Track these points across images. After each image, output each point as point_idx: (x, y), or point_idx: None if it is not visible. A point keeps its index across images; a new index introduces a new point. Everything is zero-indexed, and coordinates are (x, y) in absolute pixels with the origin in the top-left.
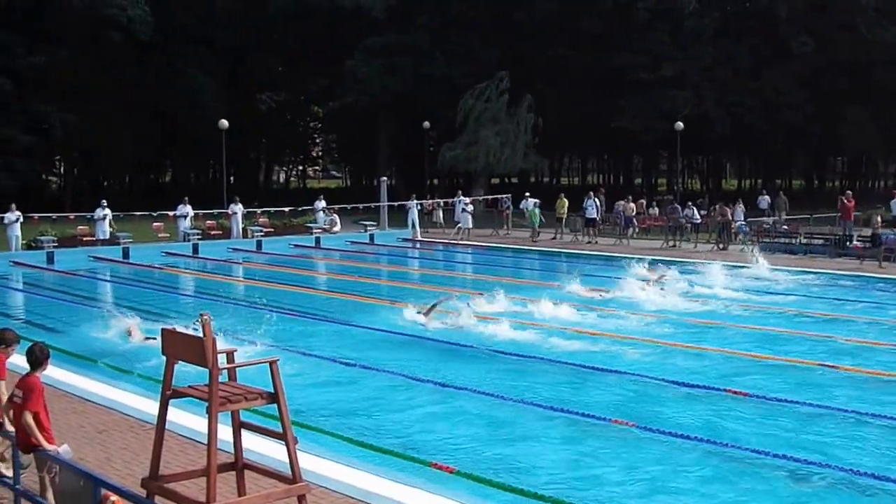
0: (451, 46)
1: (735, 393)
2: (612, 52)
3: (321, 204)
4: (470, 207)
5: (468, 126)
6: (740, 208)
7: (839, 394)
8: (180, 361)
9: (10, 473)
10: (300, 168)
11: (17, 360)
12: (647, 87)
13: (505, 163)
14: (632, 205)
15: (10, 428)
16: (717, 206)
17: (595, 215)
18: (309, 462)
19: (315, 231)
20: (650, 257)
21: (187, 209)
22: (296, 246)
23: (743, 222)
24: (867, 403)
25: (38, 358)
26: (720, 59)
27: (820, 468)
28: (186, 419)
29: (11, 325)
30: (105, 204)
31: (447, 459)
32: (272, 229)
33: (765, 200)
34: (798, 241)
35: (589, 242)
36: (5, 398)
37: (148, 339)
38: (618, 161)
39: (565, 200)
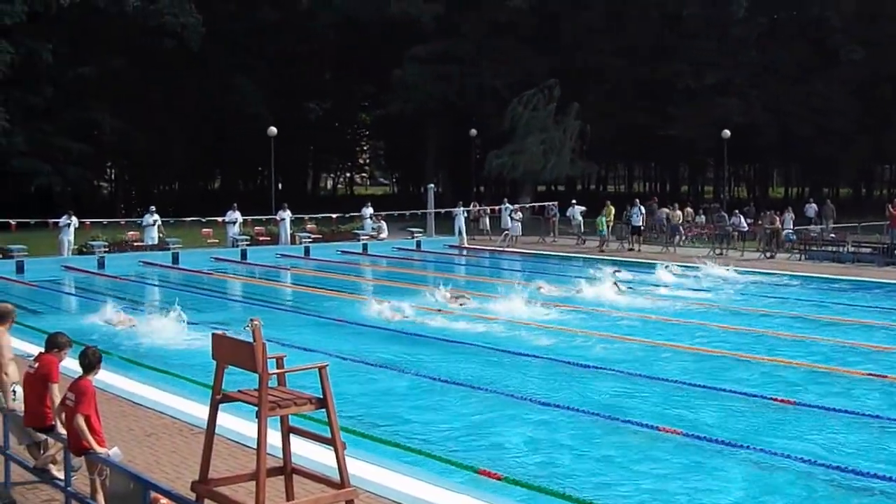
0: (497, 55)
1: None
2: (659, 60)
3: (368, 210)
4: (518, 215)
5: (515, 134)
6: (789, 216)
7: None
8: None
9: (61, 475)
10: (347, 175)
11: (68, 364)
12: (694, 94)
13: (551, 170)
14: (678, 212)
15: (61, 431)
16: (768, 214)
17: (640, 223)
18: (357, 467)
19: (362, 238)
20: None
21: (236, 215)
22: (343, 252)
23: (791, 230)
24: None
25: (90, 362)
26: (768, 67)
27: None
28: (235, 423)
29: (63, 329)
30: (154, 210)
31: (495, 466)
32: (320, 236)
33: (812, 208)
34: (846, 249)
35: (631, 250)
36: (58, 401)
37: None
38: (664, 169)
39: (612, 208)
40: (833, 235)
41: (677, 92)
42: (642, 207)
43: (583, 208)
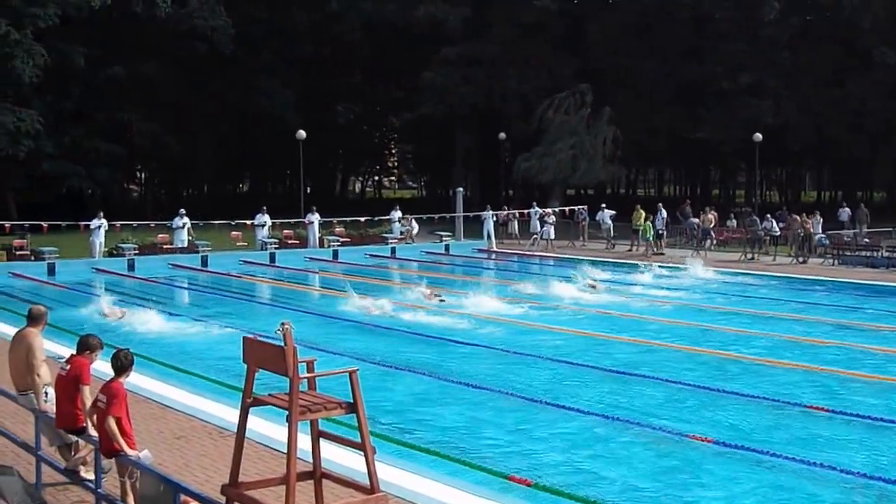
0: (525, 58)
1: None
2: (689, 62)
3: (397, 214)
4: (552, 219)
5: (545, 137)
6: (816, 220)
7: None
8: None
9: (91, 477)
10: (376, 178)
11: (98, 366)
12: (725, 97)
13: (582, 175)
14: (709, 216)
15: (92, 432)
16: (799, 217)
17: (662, 227)
18: (387, 472)
19: (390, 241)
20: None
21: (265, 218)
22: (371, 256)
23: (823, 235)
24: None
25: (122, 364)
26: (800, 69)
27: None
28: (265, 427)
29: (94, 331)
30: (183, 213)
31: (525, 472)
32: (348, 239)
33: (845, 212)
34: (880, 254)
35: (657, 254)
36: (90, 403)
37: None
38: (695, 172)
39: (642, 212)
40: (867, 240)
41: (708, 94)
42: (664, 211)
43: (612, 212)
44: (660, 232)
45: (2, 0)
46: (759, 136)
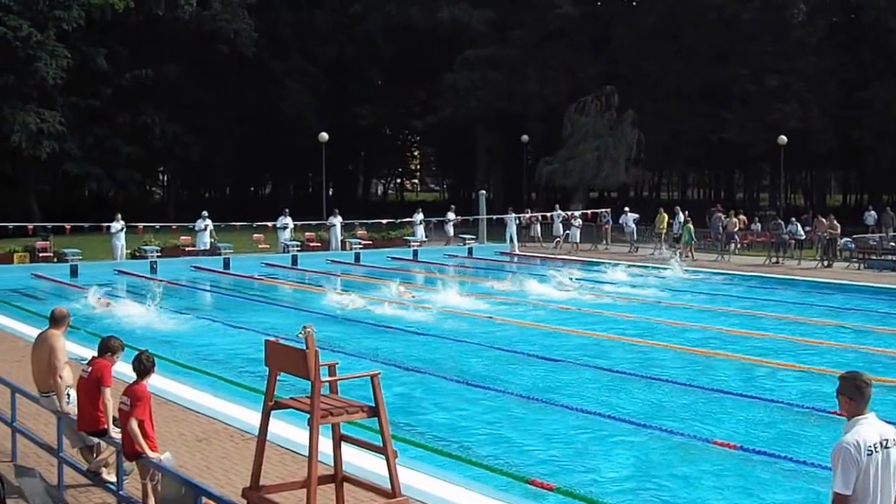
0: (548, 61)
1: None
2: (715, 64)
3: (420, 216)
4: (577, 222)
5: (569, 140)
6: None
7: None
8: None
9: (113, 479)
10: (398, 181)
11: (119, 368)
12: (751, 99)
13: (606, 178)
14: (734, 220)
15: (114, 434)
16: (825, 220)
17: (679, 230)
18: (408, 476)
19: (412, 244)
20: None
21: (287, 221)
22: (393, 258)
23: (848, 239)
24: None
25: (145, 366)
26: (826, 71)
27: None
28: (286, 430)
29: (116, 333)
30: (206, 215)
31: (546, 476)
32: (370, 242)
33: (871, 216)
34: None
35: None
36: (111, 405)
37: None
38: (719, 175)
39: (665, 215)
40: (893, 244)
41: (734, 97)
42: (682, 215)
43: (636, 216)
44: (676, 236)
45: (27, 3)
46: (783, 138)
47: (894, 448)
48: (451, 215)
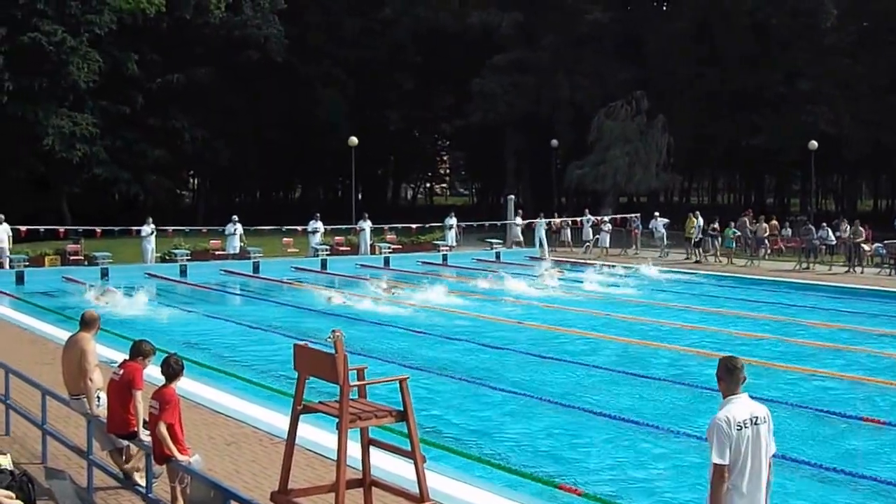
0: (578, 65)
1: None
2: (745, 69)
3: (452, 221)
4: (607, 226)
5: (598, 145)
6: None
7: None
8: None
9: (143, 482)
10: (427, 185)
11: (147, 371)
12: (782, 104)
13: (636, 182)
14: (764, 225)
15: (144, 437)
16: (853, 225)
17: (699, 235)
18: (437, 481)
19: (442, 248)
20: None
21: (318, 225)
22: (423, 263)
23: (880, 244)
24: None
25: (174, 370)
26: (857, 76)
27: None
28: (314, 434)
29: (146, 336)
30: (236, 219)
31: (575, 480)
32: (400, 246)
33: None
34: None
35: (697, 262)
36: (142, 409)
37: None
38: (750, 180)
39: (695, 220)
40: None
41: (764, 102)
42: (700, 219)
43: (666, 220)
44: (696, 240)
45: (60, 8)
46: (814, 143)
47: (763, 425)
48: (449, 220)
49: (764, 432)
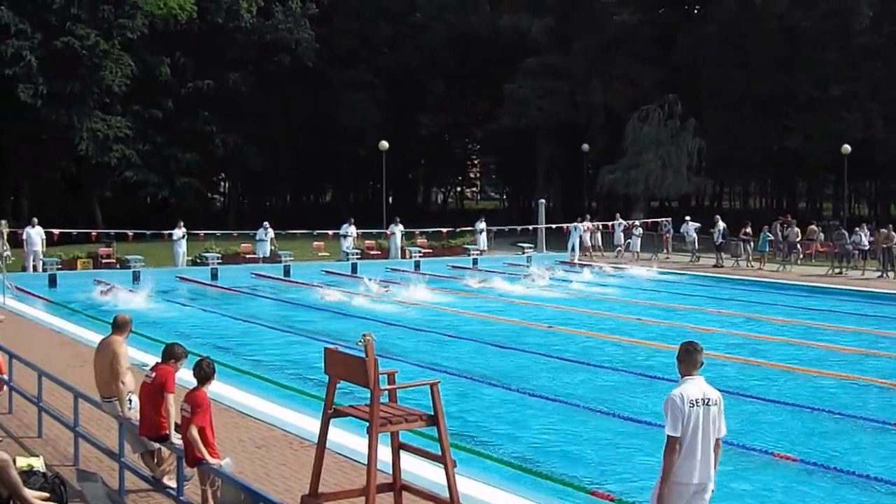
0: (609, 70)
1: None
2: (778, 72)
3: (482, 225)
4: (639, 231)
5: (630, 149)
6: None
7: None
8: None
9: (174, 484)
10: (458, 189)
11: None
12: (814, 108)
13: (668, 187)
14: (796, 229)
15: (175, 440)
16: (886, 230)
17: (720, 239)
18: (467, 486)
19: (472, 252)
20: None
21: (351, 230)
22: (453, 267)
23: None
24: None
25: (206, 373)
26: (890, 79)
27: None
28: (345, 438)
29: (177, 339)
30: (268, 225)
31: (607, 486)
32: (430, 250)
33: None
34: None
35: (716, 266)
36: (174, 411)
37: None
38: (782, 184)
39: (722, 224)
40: None
41: (797, 105)
42: (721, 223)
43: (697, 225)
44: (718, 244)
45: (93, 12)
46: (847, 147)
47: (714, 406)
48: (480, 224)
49: (714, 413)
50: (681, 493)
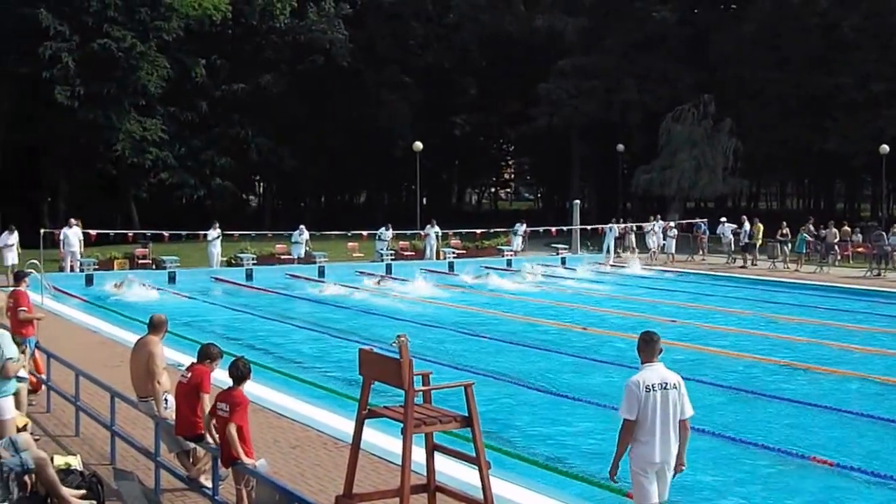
0: (643, 70)
1: None
2: (816, 72)
3: (522, 227)
4: (673, 232)
5: (666, 149)
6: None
7: None
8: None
9: (209, 484)
10: (492, 190)
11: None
12: (853, 108)
13: (703, 188)
14: (833, 230)
15: (210, 440)
16: None
17: (747, 240)
18: (502, 487)
19: (506, 253)
20: None
21: (389, 233)
22: (486, 268)
23: None
24: None
25: (242, 373)
26: None
27: None
28: (379, 438)
29: (212, 339)
30: (304, 228)
31: None
32: (464, 251)
33: None
34: None
35: (742, 267)
36: (209, 411)
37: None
38: (819, 185)
39: (760, 226)
40: None
41: (835, 105)
42: (747, 224)
43: (733, 226)
44: (743, 244)
45: (129, 14)
46: (885, 147)
47: (673, 391)
48: (519, 227)
49: (674, 397)
50: (645, 472)
